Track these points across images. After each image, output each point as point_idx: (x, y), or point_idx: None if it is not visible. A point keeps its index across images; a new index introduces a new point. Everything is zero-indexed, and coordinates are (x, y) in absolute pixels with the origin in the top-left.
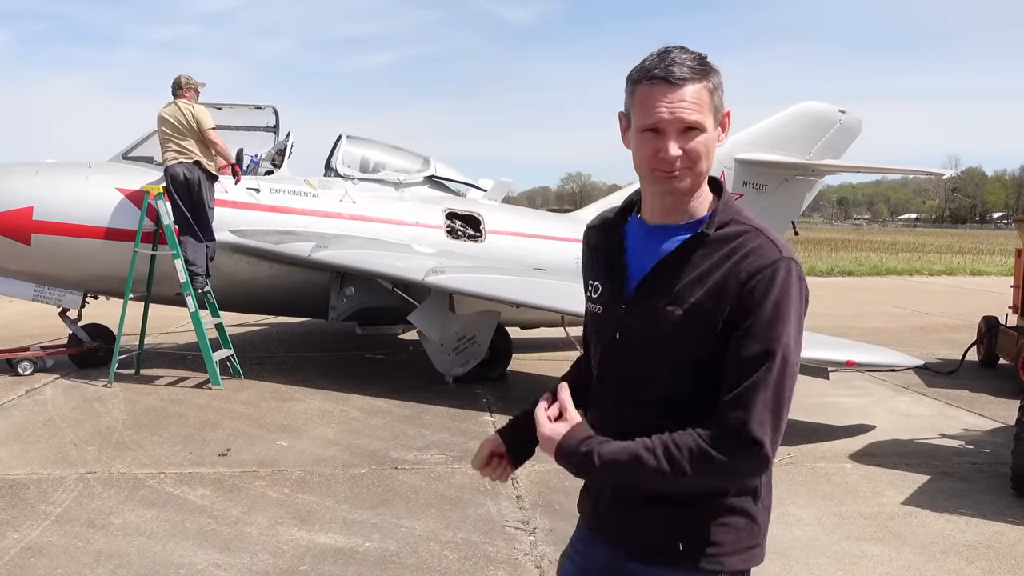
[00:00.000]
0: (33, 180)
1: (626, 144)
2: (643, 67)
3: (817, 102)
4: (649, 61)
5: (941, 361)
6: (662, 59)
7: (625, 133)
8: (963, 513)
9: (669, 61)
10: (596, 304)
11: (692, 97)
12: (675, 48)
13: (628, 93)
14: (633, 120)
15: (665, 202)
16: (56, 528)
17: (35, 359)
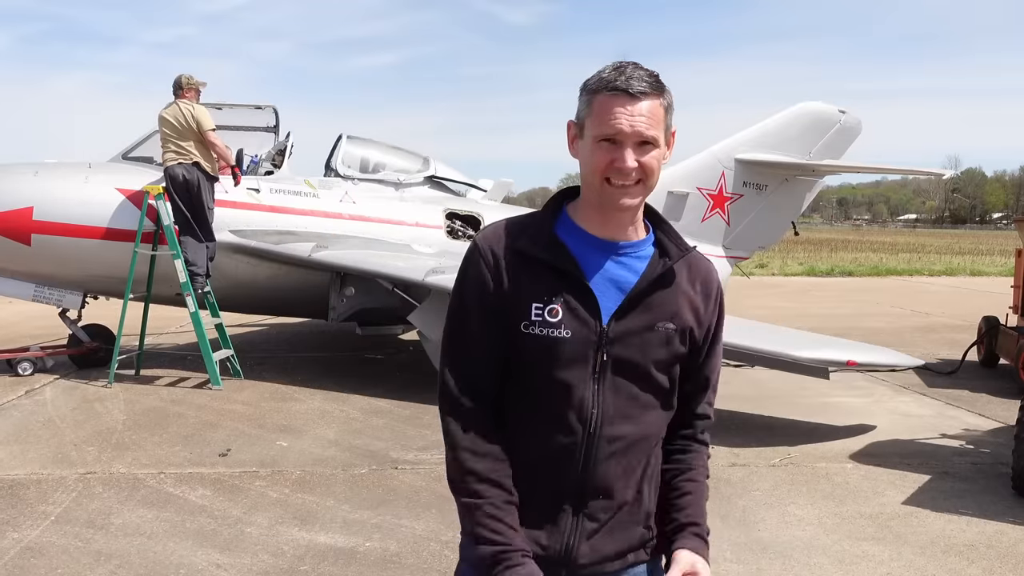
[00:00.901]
0: (33, 180)
1: (573, 153)
2: (602, 78)
3: (817, 102)
4: (607, 73)
5: (941, 361)
6: (620, 72)
7: (575, 142)
8: (964, 513)
9: (628, 74)
10: (561, 329)
11: (649, 112)
12: (629, 63)
13: (584, 102)
14: (588, 129)
15: (614, 216)
16: (56, 528)
17: (35, 359)
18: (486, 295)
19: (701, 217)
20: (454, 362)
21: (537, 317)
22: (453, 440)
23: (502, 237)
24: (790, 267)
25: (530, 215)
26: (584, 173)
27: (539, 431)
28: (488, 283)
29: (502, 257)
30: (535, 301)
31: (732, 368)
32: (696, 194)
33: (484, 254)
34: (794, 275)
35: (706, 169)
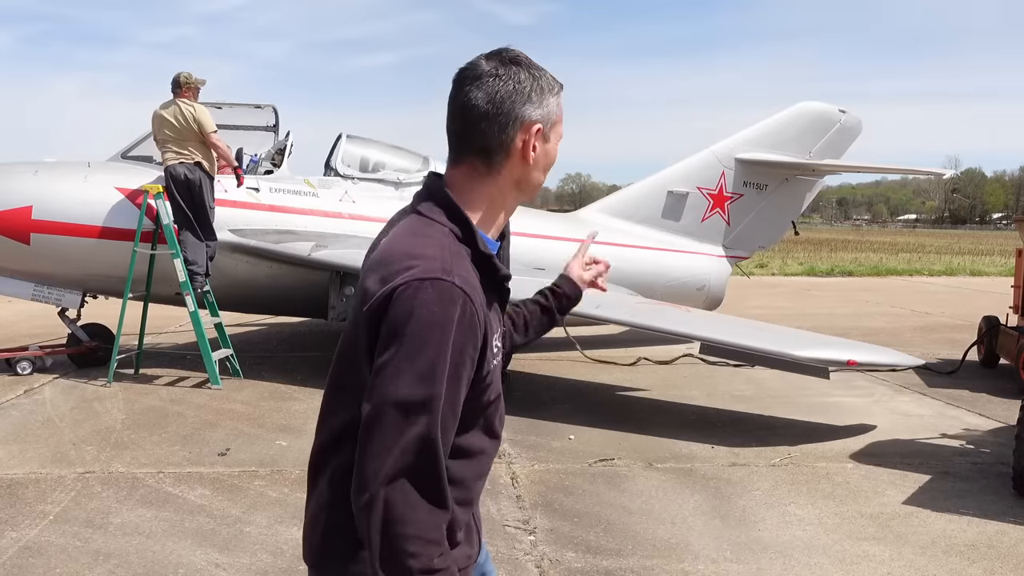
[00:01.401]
0: (32, 179)
1: (530, 156)
2: (554, 80)
3: (817, 102)
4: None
5: (942, 361)
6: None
7: (544, 145)
8: (964, 513)
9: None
10: (498, 355)
11: None
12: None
13: (556, 103)
14: (557, 129)
15: (505, 219)
16: (54, 528)
17: (34, 359)
18: (476, 349)
19: (701, 217)
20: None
21: (496, 348)
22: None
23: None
24: (790, 267)
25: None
26: (537, 176)
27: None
28: (480, 336)
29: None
30: (496, 332)
31: (732, 368)
32: (696, 194)
33: (476, 301)
34: (794, 275)
35: (706, 169)
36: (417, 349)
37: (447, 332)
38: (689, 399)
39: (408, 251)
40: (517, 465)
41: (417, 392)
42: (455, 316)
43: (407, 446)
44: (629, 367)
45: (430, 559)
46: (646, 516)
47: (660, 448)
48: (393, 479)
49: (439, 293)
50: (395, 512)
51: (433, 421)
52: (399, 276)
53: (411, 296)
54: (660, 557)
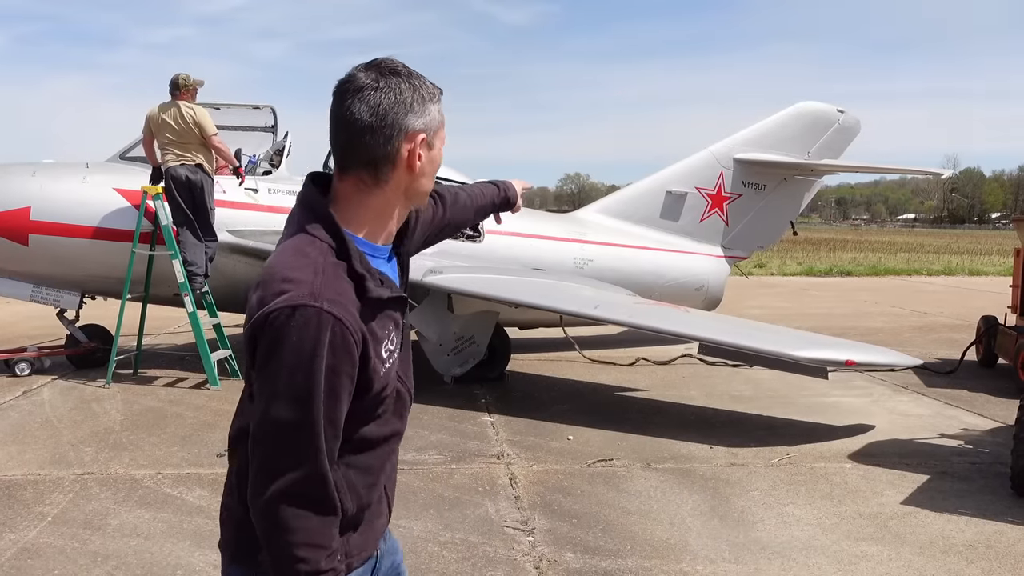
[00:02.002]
0: (30, 180)
1: (416, 165)
2: (434, 88)
3: (816, 102)
4: (429, 82)
5: (940, 361)
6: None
7: (429, 152)
8: (963, 513)
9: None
10: (397, 349)
11: None
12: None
13: (438, 110)
14: (441, 136)
15: (395, 225)
16: (53, 529)
17: (33, 360)
18: (355, 365)
19: (700, 217)
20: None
21: (387, 353)
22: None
23: (347, 292)
24: (789, 267)
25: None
26: (422, 184)
27: (387, 435)
28: (356, 352)
29: (359, 314)
30: (383, 341)
31: (731, 368)
32: (695, 194)
33: (347, 322)
34: (793, 275)
35: (705, 169)
36: (290, 374)
37: (317, 357)
38: (688, 399)
39: (284, 274)
40: (516, 466)
41: (294, 414)
42: (325, 340)
43: (290, 464)
44: (628, 367)
45: (317, 563)
46: (644, 516)
47: (659, 448)
48: (280, 494)
49: (306, 320)
50: (283, 523)
51: (312, 439)
52: (272, 301)
53: (282, 324)
54: (658, 557)
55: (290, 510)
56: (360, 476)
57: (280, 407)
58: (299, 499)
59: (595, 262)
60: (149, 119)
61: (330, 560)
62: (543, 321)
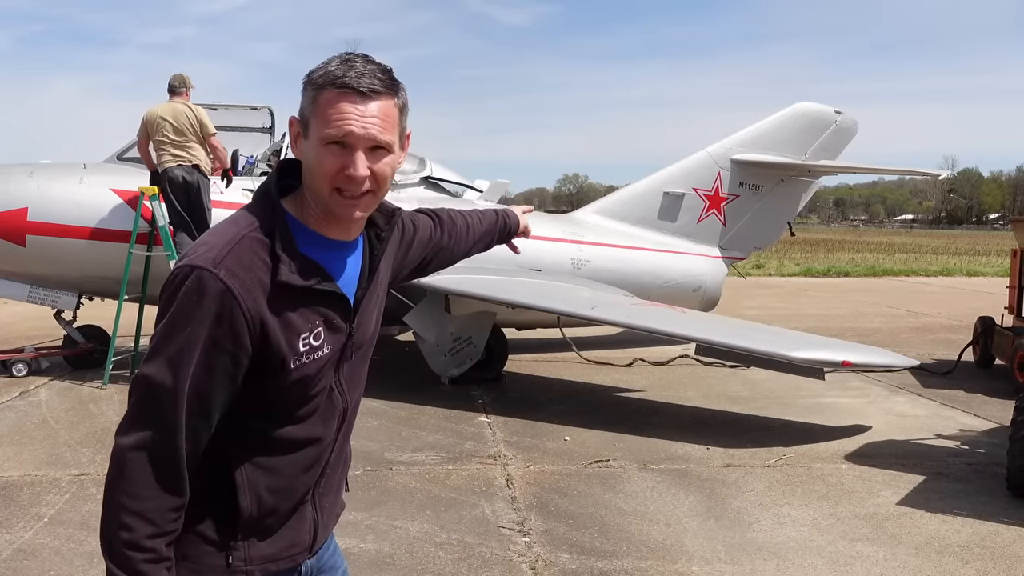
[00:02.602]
0: (28, 181)
1: (297, 153)
2: (328, 72)
3: (813, 103)
4: (334, 66)
5: (937, 362)
6: (349, 66)
7: (298, 140)
8: (958, 513)
9: (359, 70)
10: (324, 348)
11: (383, 113)
12: (358, 55)
13: (309, 98)
14: (313, 128)
15: (342, 225)
16: (49, 530)
17: (30, 360)
18: (240, 346)
19: (697, 218)
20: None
21: (305, 347)
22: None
23: (255, 270)
24: (787, 267)
25: (250, 225)
26: (309, 178)
27: (301, 441)
28: (244, 332)
29: (263, 295)
30: (302, 333)
31: (728, 368)
32: (692, 195)
33: (240, 296)
34: (791, 276)
35: (702, 170)
36: (170, 333)
37: (200, 323)
38: (685, 400)
39: (204, 238)
40: (512, 466)
41: (162, 375)
42: (212, 308)
43: (147, 422)
44: (625, 368)
45: (138, 537)
46: (641, 517)
47: (655, 449)
48: (132, 447)
49: (199, 283)
50: (124, 477)
51: (172, 404)
52: (182, 260)
53: (179, 282)
54: (654, 558)
55: (133, 466)
56: (264, 477)
57: (154, 363)
58: (146, 459)
59: (592, 263)
60: (147, 120)
61: (154, 540)
62: (540, 322)
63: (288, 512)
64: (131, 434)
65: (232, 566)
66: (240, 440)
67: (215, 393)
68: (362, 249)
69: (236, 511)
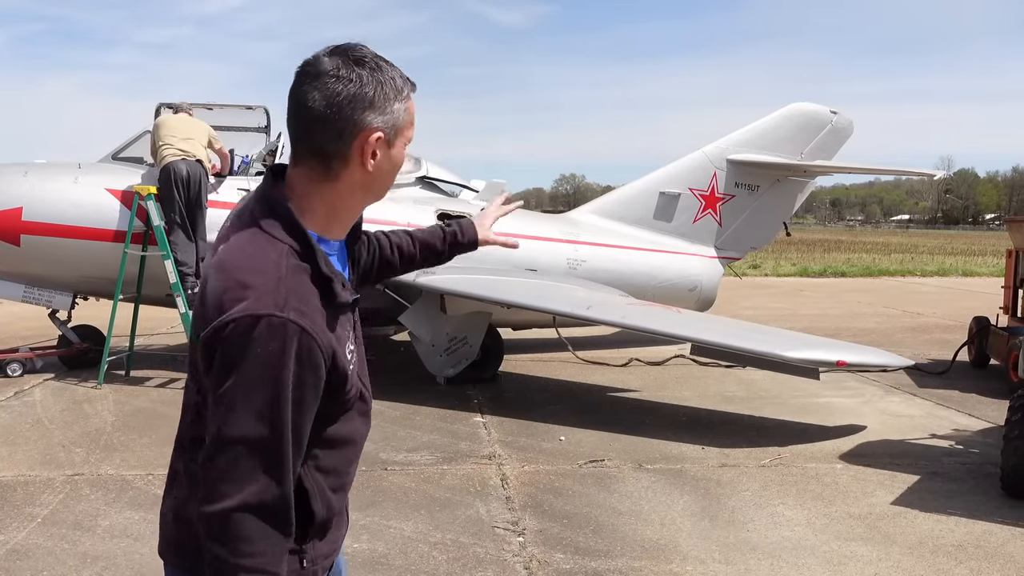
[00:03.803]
0: (22, 181)
1: (369, 164)
2: (404, 78)
3: (809, 103)
4: (396, 72)
5: (932, 361)
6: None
7: (379, 150)
8: (952, 513)
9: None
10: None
11: None
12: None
13: (402, 108)
14: (403, 135)
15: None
16: (42, 530)
17: (24, 360)
18: (321, 378)
19: (693, 218)
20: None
21: (350, 355)
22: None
23: (312, 300)
24: (783, 268)
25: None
26: (383, 181)
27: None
28: (322, 364)
29: (323, 322)
30: (346, 342)
31: (723, 368)
32: (688, 195)
33: (314, 334)
34: (787, 276)
35: (698, 170)
36: (254, 387)
37: (284, 369)
38: (680, 400)
39: (244, 278)
40: (507, 466)
41: (257, 430)
42: (292, 352)
43: (251, 479)
44: (620, 368)
45: None
46: (635, 517)
47: (650, 449)
48: (239, 507)
49: (272, 331)
50: (237, 537)
51: (276, 455)
52: (232, 308)
53: (244, 333)
54: (648, 558)
55: (246, 525)
56: (327, 479)
57: (242, 422)
58: (257, 515)
59: (588, 263)
60: (158, 123)
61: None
62: (536, 322)
63: (340, 508)
64: (234, 496)
65: (305, 568)
66: (307, 450)
67: (307, 427)
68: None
69: (310, 516)
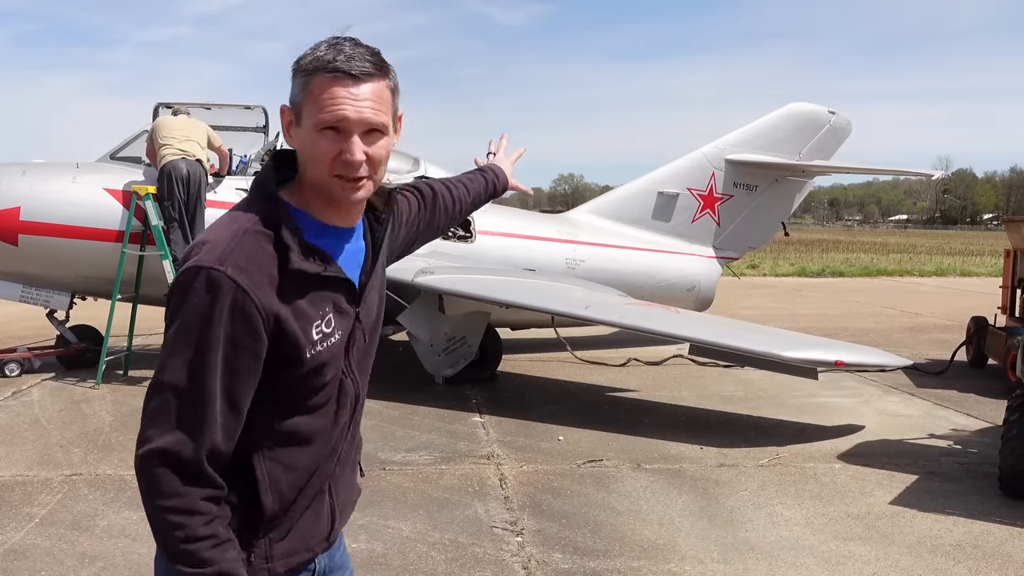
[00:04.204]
0: (20, 180)
1: (291, 141)
2: (318, 56)
3: (807, 103)
4: (323, 51)
5: (930, 361)
6: (338, 50)
7: (290, 128)
8: (951, 513)
9: (348, 53)
10: (335, 335)
11: (375, 96)
12: (346, 40)
13: (299, 85)
14: (306, 115)
15: (343, 210)
16: (40, 530)
17: (22, 360)
18: (259, 340)
19: (691, 218)
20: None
21: (318, 335)
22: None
23: (262, 263)
24: (781, 268)
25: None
26: (307, 166)
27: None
28: (260, 326)
29: (272, 287)
30: (314, 321)
31: (722, 368)
32: (686, 195)
33: (251, 292)
34: (785, 276)
35: (696, 169)
36: (186, 336)
37: (214, 323)
38: (678, 400)
39: (204, 237)
40: (506, 466)
41: (183, 379)
42: (225, 307)
43: (170, 430)
44: (619, 368)
45: (193, 529)
46: (634, 517)
47: (649, 449)
48: (158, 454)
49: (209, 283)
50: (155, 484)
51: (199, 410)
52: (186, 262)
53: (187, 283)
54: (647, 558)
55: (159, 472)
56: (285, 472)
57: (173, 369)
58: (170, 465)
59: (587, 263)
60: (157, 124)
61: (209, 526)
62: (534, 322)
63: (307, 505)
64: (154, 441)
65: (254, 564)
66: (259, 436)
67: (242, 392)
68: (362, 232)
69: (259, 509)
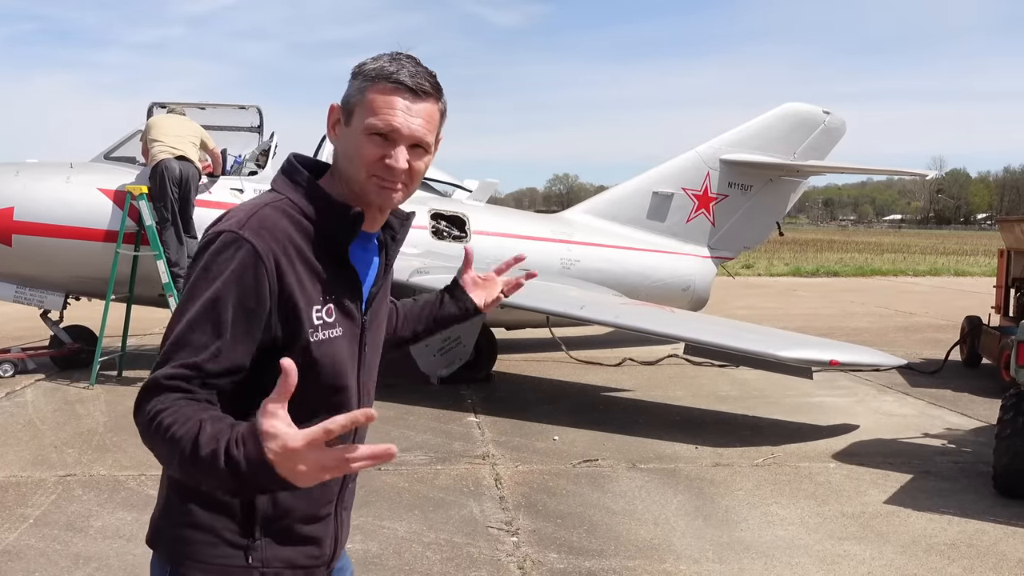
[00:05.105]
0: (14, 180)
1: (333, 139)
2: (382, 67)
3: (801, 103)
4: (387, 62)
5: (925, 361)
6: (401, 64)
7: (336, 127)
8: (945, 512)
9: (411, 70)
10: (334, 328)
11: (427, 115)
12: (408, 56)
13: (358, 88)
14: (358, 118)
15: (372, 214)
16: (34, 531)
17: (16, 361)
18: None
19: (686, 218)
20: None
21: (318, 320)
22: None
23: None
24: (776, 267)
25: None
26: (346, 165)
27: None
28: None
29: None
30: (315, 304)
31: (717, 368)
32: (681, 194)
33: (261, 252)
34: (780, 275)
35: (691, 169)
36: (199, 285)
37: (228, 281)
38: (674, 400)
39: (230, 211)
40: (501, 466)
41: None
42: (236, 265)
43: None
44: (614, 368)
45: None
46: (629, 517)
47: (644, 448)
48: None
49: (224, 243)
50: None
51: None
52: (211, 230)
53: (207, 244)
54: (642, 557)
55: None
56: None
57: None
58: (166, 387)
59: (582, 263)
60: (150, 123)
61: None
62: (530, 322)
63: (309, 518)
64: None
65: (251, 565)
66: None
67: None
68: (377, 248)
69: (251, 508)
